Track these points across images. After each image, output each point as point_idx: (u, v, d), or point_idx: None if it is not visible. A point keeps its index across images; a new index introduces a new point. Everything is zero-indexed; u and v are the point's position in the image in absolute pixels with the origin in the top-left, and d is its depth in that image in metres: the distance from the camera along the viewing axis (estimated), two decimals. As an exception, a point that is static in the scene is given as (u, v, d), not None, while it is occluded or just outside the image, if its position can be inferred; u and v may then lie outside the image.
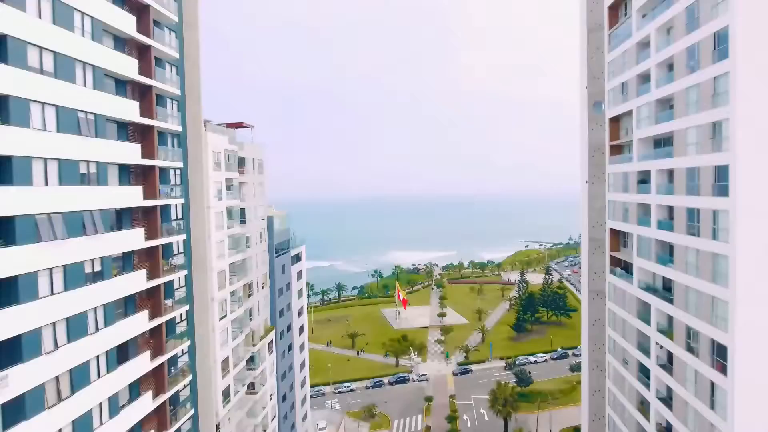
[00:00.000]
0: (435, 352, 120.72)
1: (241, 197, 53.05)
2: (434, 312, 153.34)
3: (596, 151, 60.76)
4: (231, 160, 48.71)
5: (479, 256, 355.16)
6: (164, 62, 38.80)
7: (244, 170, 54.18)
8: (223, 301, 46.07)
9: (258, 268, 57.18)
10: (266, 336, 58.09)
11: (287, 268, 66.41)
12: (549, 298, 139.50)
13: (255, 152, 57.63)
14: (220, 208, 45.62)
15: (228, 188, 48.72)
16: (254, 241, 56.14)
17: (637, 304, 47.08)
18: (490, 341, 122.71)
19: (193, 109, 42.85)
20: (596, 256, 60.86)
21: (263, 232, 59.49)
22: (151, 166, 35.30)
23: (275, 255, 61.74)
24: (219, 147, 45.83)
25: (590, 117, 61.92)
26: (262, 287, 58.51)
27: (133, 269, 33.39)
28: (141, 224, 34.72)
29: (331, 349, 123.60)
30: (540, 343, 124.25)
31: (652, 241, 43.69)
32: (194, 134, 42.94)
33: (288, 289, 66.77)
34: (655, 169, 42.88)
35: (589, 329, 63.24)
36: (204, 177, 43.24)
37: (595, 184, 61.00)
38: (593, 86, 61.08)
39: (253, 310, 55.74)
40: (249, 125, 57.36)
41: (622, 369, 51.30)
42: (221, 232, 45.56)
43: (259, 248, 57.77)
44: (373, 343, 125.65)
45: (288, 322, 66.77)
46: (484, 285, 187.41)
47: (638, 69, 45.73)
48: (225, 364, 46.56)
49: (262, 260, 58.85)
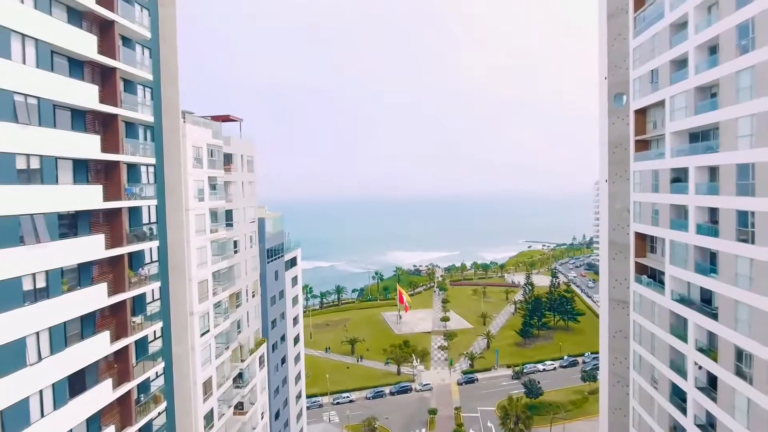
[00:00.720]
0: (438, 359, 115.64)
1: (227, 197, 47.98)
2: (437, 316, 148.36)
3: (617, 148, 55.69)
4: (215, 156, 43.61)
5: (480, 257, 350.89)
6: (133, 42, 33.78)
7: (231, 167, 49.09)
8: (205, 314, 40.99)
9: (247, 275, 52.12)
10: (257, 350, 53.02)
11: (281, 273, 61.33)
12: (556, 301, 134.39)
13: (244, 148, 52.53)
14: (202, 210, 40.53)
15: (212, 187, 43.65)
16: (243, 246, 51.07)
17: (670, 317, 42.01)
18: (495, 347, 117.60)
19: (169, 98, 37.76)
20: (617, 262, 55.79)
21: (253, 236, 54.42)
22: (114, 162, 30.26)
23: (267, 260, 56.66)
24: (200, 141, 40.74)
25: (610, 110, 56.90)
26: (252, 296, 53.44)
27: (91, 283, 28.34)
28: (102, 230, 29.69)
29: (329, 356, 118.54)
30: (547, 349, 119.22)
31: (688, 247, 38.61)
32: (171, 126, 37.86)
33: (282, 297, 61.68)
34: (693, 166, 37.79)
35: (609, 341, 58.22)
36: (182, 175, 38.15)
37: (616, 183, 55.90)
38: (614, 76, 56.02)
39: (242, 321, 50.67)
40: (237, 118, 52.28)
41: (649, 388, 46.23)
42: (203, 237, 40.46)
43: (249, 253, 52.71)
44: (374, 348, 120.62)
45: (282, 333, 61.70)
46: (488, 287, 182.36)
47: (672, 54, 40.64)
48: (208, 385, 41.48)
49: (253, 266, 53.79)
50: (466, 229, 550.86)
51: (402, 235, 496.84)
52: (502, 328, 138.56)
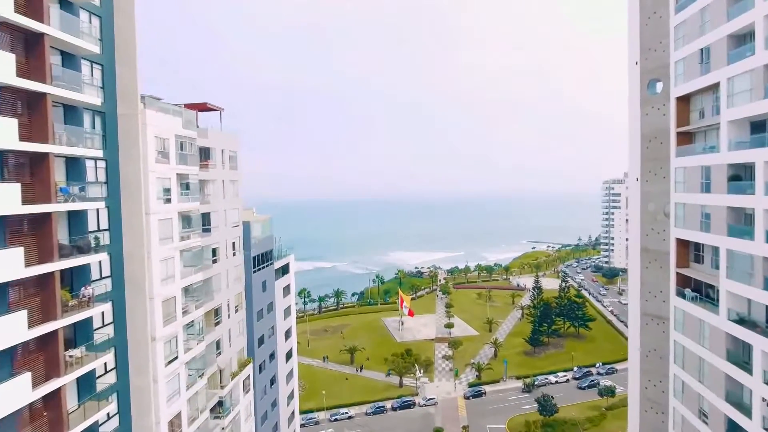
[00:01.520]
0: (443, 369, 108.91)
1: (203, 198, 41.37)
2: (440, 321, 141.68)
3: (651, 141, 49.08)
4: (187, 149, 36.95)
5: (483, 257, 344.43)
6: (76, 7, 27.18)
7: (209, 164, 42.42)
8: (172, 338, 34.32)
9: (229, 287, 45.48)
10: (240, 372, 46.38)
11: (270, 283, 54.69)
12: (566, 307, 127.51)
13: (225, 141, 45.85)
14: (168, 214, 33.89)
15: (184, 187, 37.03)
16: (224, 254, 44.43)
17: (726, 340, 35.33)
18: (503, 357, 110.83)
19: (125, 79, 31.14)
20: (651, 272, 49.19)
21: (237, 242, 47.78)
22: (41, 154, 23.63)
23: (253, 269, 50.03)
24: (167, 131, 34.10)
25: (643, 99, 50.25)
26: (235, 311, 46.80)
27: (7, 310, 21.73)
28: (25, 241, 23.07)
29: (327, 366, 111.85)
30: (558, 359, 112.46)
31: (754, 259, 31.96)
32: (127, 112, 31.23)
33: (271, 310, 55.03)
34: (762, 161, 31.10)
35: (640, 361, 51.66)
36: (142, 171, 31.47)
37: (650, 181, 49.27)
38: (647, 61, 49.37)
39: (222, 341, 44.03)
40: (216, 107, 45.60)
41: (697, 421, 39.52)
42: (169, 246, 33.82)
43: (231, 262, 46.07)
44: (374, 357, 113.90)
45: (271, 349, 55.07)
46: (493, 290, 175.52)
47: (731, 27, 33.95)
48: (176, 422, 34.81)
49: (236, 277, 47.15)
50: (468, 229, 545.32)
51: (404, 235, 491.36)
52: (509, 334, 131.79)
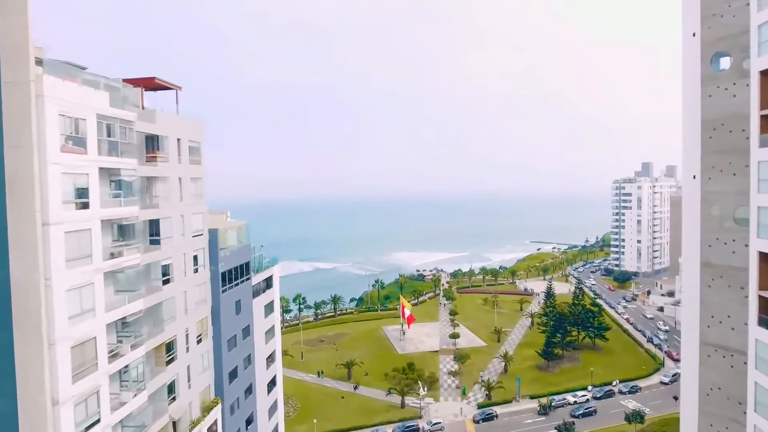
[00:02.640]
0: (449, 386, 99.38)
1: (149, 201, 31.84)
2: (444, 330, 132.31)
3: (717, 129, 39.64)
4: (118, 135, 27.44)
5: (486, 258, 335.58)
6: None
7: (158, 156, 32.89)
8: (91, 394, 24.81)
9: (188, 313, 36.02)
10: (204, 419, 36.93)
11: (246, 303, 45.20)
12: (580, 315, 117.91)
13: (183, 129, 36.34)
14: (82, 223, 24.41)
15: (116, 186, 27.53)
16: (180, 272, 34.96)
17: None
18: (515, 372, 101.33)
19: (12, 33, 21.63)
20: (716, 292, 39.77)
21: (201, 255, 38.30)
22: None
23: (222, 288, 40.47)
24: (82, 109, 24.62)
25: (705, 78, 40.76)
26: (197, 342, 37.34)
27: None
28: None
29: (322, 382, 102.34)
30: (574, 374, 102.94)
31: None
32: (15, 79, 21.74)
33: (247, 335, 45.57)
34: None
35: (699, 400, 42.29)
36: (36, 163, 21.97)
37: (715, 179, 39.81)
38: (711, 30, 39.91)
39: (178, 383, 34.57)
40: (170, 84, 36.09)
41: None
42: (83, 269, 24.37)
43: (192, 281, 36.62)
44: (374, 372, 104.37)
45: (247, 383, 45.59)
46: (499, 295, 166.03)
47: None
48: None
49: (198, 299, 37.71)
50: (469, 229, 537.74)
51: (406, 235, 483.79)
52: (519, 345, 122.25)
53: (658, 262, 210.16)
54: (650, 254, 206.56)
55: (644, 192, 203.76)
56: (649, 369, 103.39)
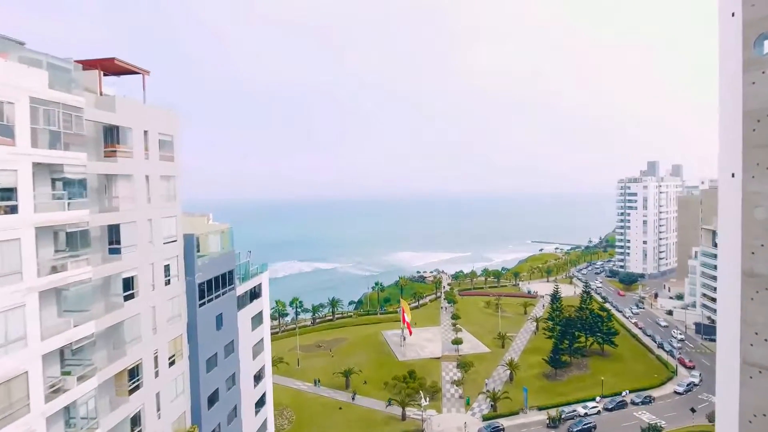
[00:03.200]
0: (452, 395, 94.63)
1: (107, 203, 27.09)
2: (446, 335, 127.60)
3: (761, 121, 34.91)
4: (60, 123, 22.70)
5: (487, 258, 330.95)
6: None
7: (119, 150, 28.14)
8: (21, 443, 20.06)
9: (158, 332, 31.31)
10: (176, 452, 32.14)
11: (229, 316, 40.48)
12: (588, 320, 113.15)
13: (151, 119, 31.61)
14: (7, 233, 19.66)
15: (60, 185, 22.79)
16: (147, 285, 30.23)
17: None
18: (521, 381, 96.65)
19: None
20: (761, 306, 35.12)
21: (175, 264, 33.57)
22: None
23: (200, 301, 35.75)
24: (5, 88, 19.79)
25: (747, 62, 35.92)
26: (169, 365, 32.60)
27: None
28: None
29: (319, 391, 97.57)
30: (584, 383, 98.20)
31: None
32: None
33: (231, 352, 40.86)
34: None
35: (739, 426, 37.74)
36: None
37: (760, 178, 35.08)
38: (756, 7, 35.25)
39: (145, 414, 29.85)
40: (137, 68, 31.30)
41: None
42: (10, 290, 19.64)
43: (163, 295, 31.90)
44: (373, 380, 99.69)
45: (231, 406, 40.86)
46: (502, 297, 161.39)
47: None
48: None
49: (171, 315, 33.01)
50: (470, 229, 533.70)
51: (406, 235, 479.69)
52: (524, 351, 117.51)
53: (664, 263, 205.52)
54: (656, 255, 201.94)
55: (650, 192, 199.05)
56: (661, 377, 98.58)
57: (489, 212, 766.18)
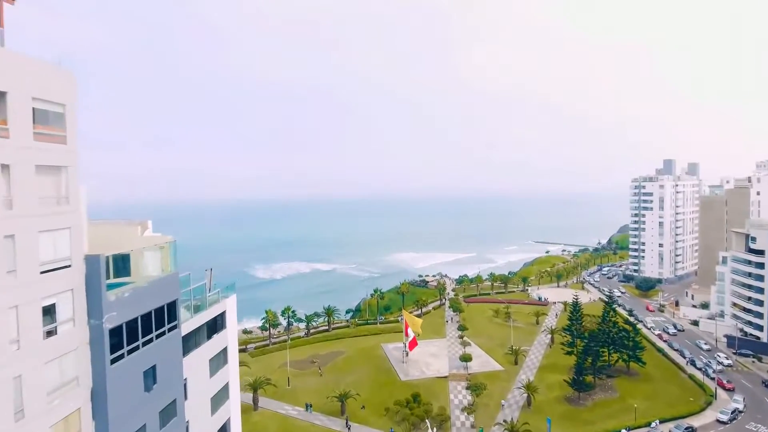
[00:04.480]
0: (462, 424, 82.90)
1: None
2: (453, 349, 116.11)
3: None
4: None
5: (490, 258, 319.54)
6: None
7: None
8: None
9: (30, 415, 19.41)
10: None
11: (168, 368, 28.76)
12: (612, 335, 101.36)
13: (18, 76, 19.70)
14: None
15: None
16: (6, 341, 18.31)
17: None
18: (541, 408, 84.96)
19: None
20: None
21: (65, 302, 21.78)
22: None
23: (115, 354, 23.99)
24: None
25: None
26: (51, 461, 20.66)
27: None
28: None
29: (310, 418, 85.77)
30: (611, 408, 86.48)
31: None
32: None
33: (174, 415, 29.04)
34: None
35: None
36: None
37: None
38: None
39: None
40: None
41: None
42: None
43: (41, 353, 20.14)
44: (372, 404, 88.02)
45: (173, 490, 28.93)
46: (511, 304, 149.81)
47: None
48: None
49: (62, 382, 21.21)
50: (471, 228, 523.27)
51: (407, 235, 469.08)
52: (540, 368, 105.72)
53: (681, 267, 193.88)
54: (673, 259, 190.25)
55: (667, 191, 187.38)
56: (699, 402, 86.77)
57: (489, 212, 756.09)
